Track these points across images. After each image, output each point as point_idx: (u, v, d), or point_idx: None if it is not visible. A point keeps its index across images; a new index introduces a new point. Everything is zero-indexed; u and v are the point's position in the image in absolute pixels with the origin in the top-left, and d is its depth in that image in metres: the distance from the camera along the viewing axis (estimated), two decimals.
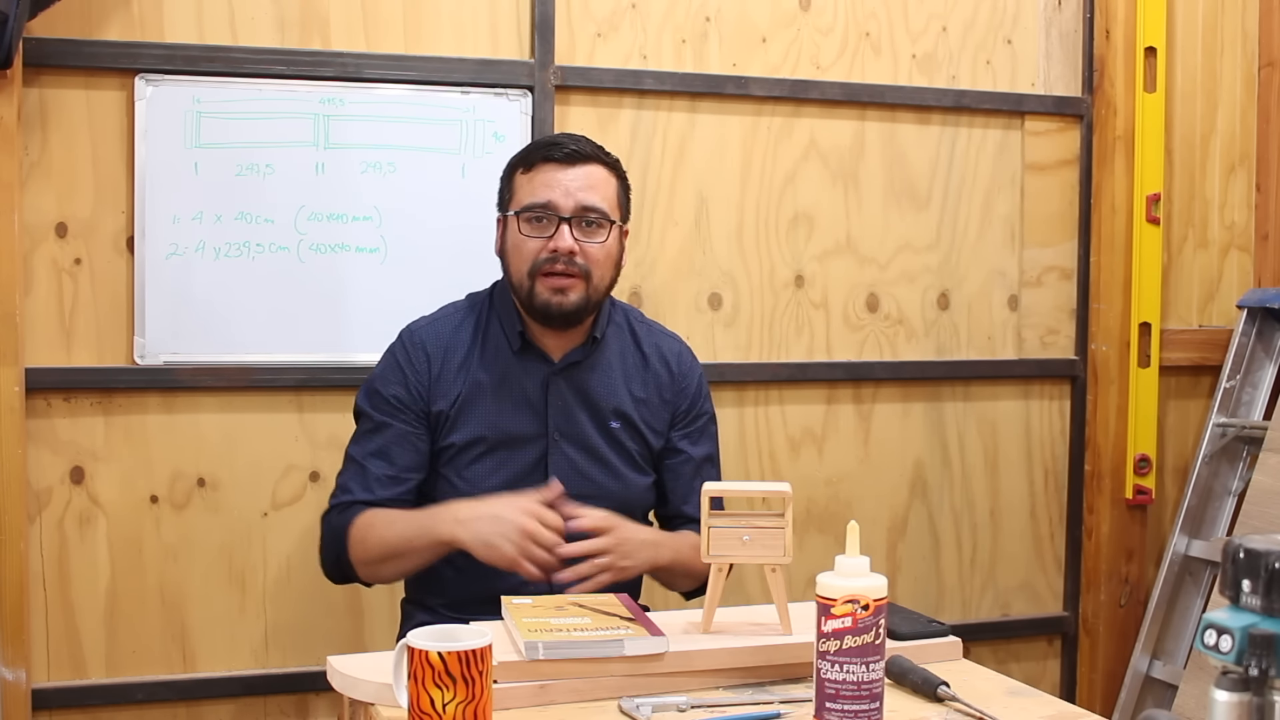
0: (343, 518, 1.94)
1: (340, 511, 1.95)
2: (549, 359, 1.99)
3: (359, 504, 1.94)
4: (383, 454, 1.95)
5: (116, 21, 2.25)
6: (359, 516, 1.92)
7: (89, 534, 2.28)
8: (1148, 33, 2.81)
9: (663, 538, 1.98)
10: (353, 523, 1.92)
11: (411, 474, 1.96)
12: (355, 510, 1.93)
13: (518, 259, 1.94)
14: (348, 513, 1.94)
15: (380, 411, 1.97)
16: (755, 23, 2.62)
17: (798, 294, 2.67)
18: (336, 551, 1.95)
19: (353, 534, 1.92)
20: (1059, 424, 2.90)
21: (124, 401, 2.29)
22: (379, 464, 1.95)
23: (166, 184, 2.27)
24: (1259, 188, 2.97)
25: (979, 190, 2.80)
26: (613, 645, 1.45)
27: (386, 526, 1.90)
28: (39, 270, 2.24)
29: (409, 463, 1.96)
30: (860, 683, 1.31)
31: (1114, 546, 2.87)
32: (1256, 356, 2.88)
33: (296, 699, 2.40)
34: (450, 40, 2.43)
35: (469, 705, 1.24)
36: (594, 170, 1.95)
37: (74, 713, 2.28)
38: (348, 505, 1.95)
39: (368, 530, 1.91)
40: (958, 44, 2.76)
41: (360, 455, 1.97)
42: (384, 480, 1.94)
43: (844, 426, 2.73)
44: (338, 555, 1.95)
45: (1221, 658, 1.04)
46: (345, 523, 1.93)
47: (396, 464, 1.95)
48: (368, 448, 1.96)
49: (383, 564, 1.93)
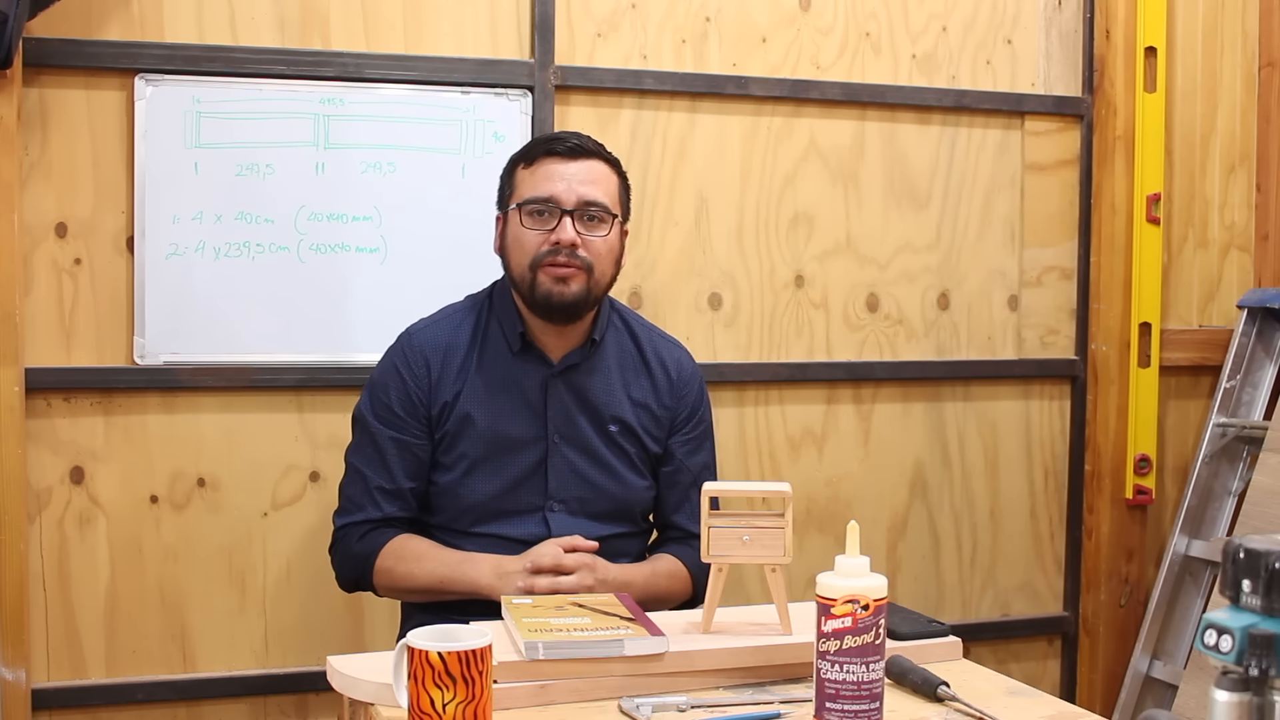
0: (366, 543, 1.94)
1: (362, 535, 1.95)
2: (548, 361, 1.99)
3: (376, 525, 1.95)
4: (386, 466, 1.95)
5: (116, 21, 2.25)
6: (387, 545, 1.93)
7: (89, 534, 2.28)
8: (1148, 33, 2.81)
9: (635, 577, 1.94)
10: (380, 551, 1.93)
11: (414, 483, 1.97)
12: (380, 535, 1.94)
13: (519, 252, 1.94)
14: (372, 537, 1.95)
15: (381, 421, 1.97)
16: (755, 23, 2.62)
17: (798, 294, 2.67)
18: (358, 573, 1.97)
19: (380, 562, 1.93)
20: (1059, 424, 2.90)
21: (124, 401, 2.29)
22: (384, 477, 1.95)
23: (166, 184, 2.27)
24: (1259, 188, 2.97)
25: (979, 190, 2.80)
26: (613, 645, 1.45)
27: (417, 562, 1.92)
28: (39, 270, 2.24)
29: (411, 472, 1.96)
30: (860, 683, 1.31)
31: (1114, 546, 2.87)
32: (1256, 356, 2.88)
33: (296, 699, 2.40)
34: (450, 40, 2.43)
35: (469, 705, 1.24)
36: (596, 165, 1.95)
37: (74, 713, 2.28)
38: (366, 529, 1.95)
39: (396, 561, 1.93)
40: (958, 44, 2.76)
41: (364, 465, 1.97)
42: (389, 494, 1.95)
43: (844, 426, 2.73)
44: (359, 576, 1.97)
45: (1221, 658, 1.04)
46: (370, 550, 1.94)
47: (399, 476, 1.95)
48: (371, 458, 1.97)
49: (410, 595, 1.97)
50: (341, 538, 1.99)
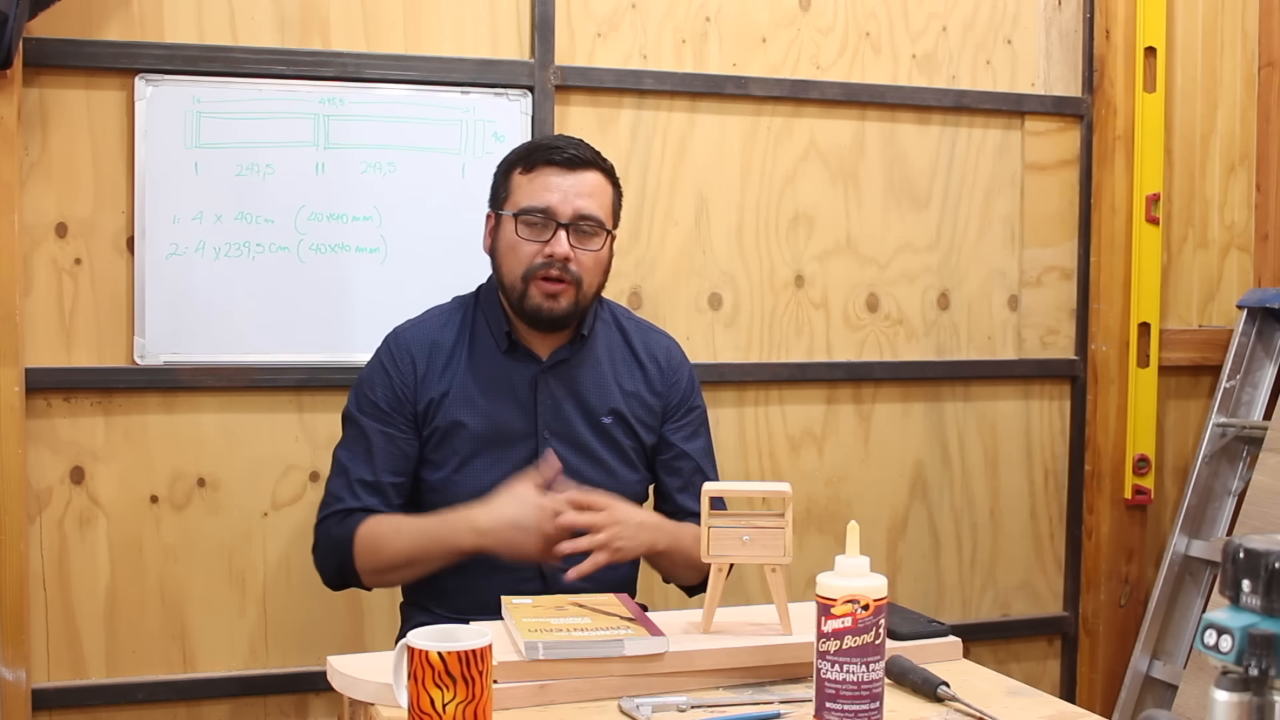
0: (343, 527, 1.93)
1: (339, 520, 1.94)
2: (536, 358, 1.99)
3: (356, 511, 1.94)
4: (370, 460, 1.95)
5: (116, 21, 2.25)
6: (362, 525, 1.92)
7: (89, 534, 2.28)
8: (1148, 33, 2.81)
9: (661, 522, 1.97)
10: (356, 531, 1.92)
11: (398, 478, 1.97)
12: (356, 518, 1.93)
13: (512, 261, 1.94)
14: (348, 521, 1.93)
15: (367, 416, 1.97)
16: (755, 23, 2.62)
17: (798, 294, 2.67)
18: (339, 560, 1.95)
19: (358, 542, 1.92)
20: (1059, 424, 2.90)
21: (124, 401, 2.29)
22: (366, 470, 1.95)
23: (166, 184, 2.27)
24: (1259, 188, 2.97)
25: (979, 190, 2.80)
26: (613, 645, 1.45)
27: (394, 534, 1.91)
28: (39, 270, 2.24)
29: (395, 467, 1.96)
30: (860, 683, 1.31)
31: (1114, 546, 2.87)
32: (1256, 356, 2.88)
33: (296, 699, 2.40)
34: (450, 40, 2.43)
35: (469, 705, 1.24)
36: (592, 177, 1.96)
37: (74, 713, 2.28)
38: (345, 514, 1.94)
39: (374, 539, 1.91)
40: (958, 44, 2.76)
41: (348, 460, 1.97)
42: (368, 486, 1.95)
43: (844, 426, 2.73)
44: (340, 564, 1.95)
45: (1221, 658, 1.04)
46: (348, 532, 1.92)
47: (383, 470, 1.95)
48: (355, 453, 1.97)
49: (392, 572, 1.94)
50: (320, 532, 1.98)
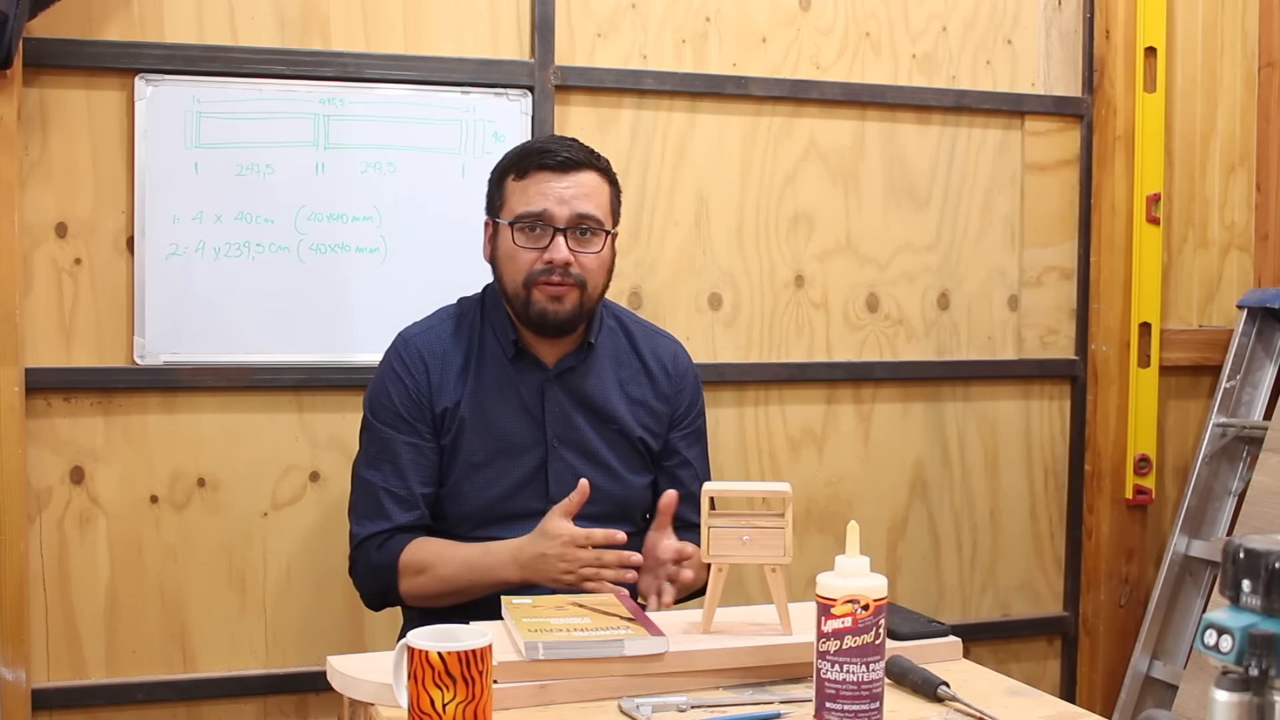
0: (384, 552, 1.92)
1: (379, 545, 1.92)
2: (543, 366, 1.99)
3: (396, 534, 1.92)
4: (400, 474, 1.93)
5: (116, 21, 2.25)
6: (405, 551, 1.91)
7: (89, 534, 2.28)
8: (1148, 33, 2.81)
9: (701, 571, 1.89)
10: (400, 558, 1.91)
11: (427, 490, 1.95)
12: (398, 542, 1.92)
13: (512, 269, 1.93)
14: (389, 545, 1.92)
15: (388, 426, 1.95)
16: (755, 23, 2.62)
17: (798, 294, 2.67)
18: (382, 586, 1.94)
19: (402, 570, 1.91)
20: (1059, 424, 2.90)
21: (124, 401, 2.29)
22: (399, 484, 1.93)
23: (166, 184, 2.27)
24: (1259, 188, 2.97)
25: (979, 190, 2.80)
26: (613, 645, 1.45)
27: (440, 563, 1.89)
28: (39, 270, 2.24)
29: (424, 478, 1.94)
30: (860, 683, 1.31)
31: (1114, 546, 2.87)
32: (1256, 356, 2.88)
33: (296, 699, 2.40)
34: (450, 40, 2.43)
35: (469, 705, 1.24)
36: (588, 177, 1.94)
37: (74, 713, 2.28)
38: (385, 536, 1.92)
39: (418, 567, 1.90)
40: (958, 44, 2.76)
41: (376, 479, 1.94)
42: (407, 501, 1.93)
43: (844, 426, 2.73)
44: (384, 589, 1.94)
45: (1221, 658, 1.04)
46: (390, 558, 1.91)
47: (413, 484, 1.93)
48: (381, 468, 1.94)
49: (438, 599, 1.92)
50: (359, 555, 1.96)
